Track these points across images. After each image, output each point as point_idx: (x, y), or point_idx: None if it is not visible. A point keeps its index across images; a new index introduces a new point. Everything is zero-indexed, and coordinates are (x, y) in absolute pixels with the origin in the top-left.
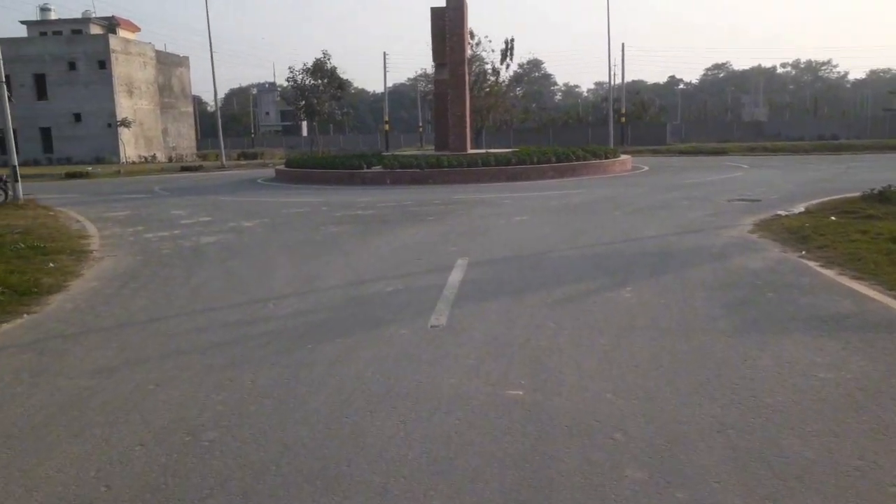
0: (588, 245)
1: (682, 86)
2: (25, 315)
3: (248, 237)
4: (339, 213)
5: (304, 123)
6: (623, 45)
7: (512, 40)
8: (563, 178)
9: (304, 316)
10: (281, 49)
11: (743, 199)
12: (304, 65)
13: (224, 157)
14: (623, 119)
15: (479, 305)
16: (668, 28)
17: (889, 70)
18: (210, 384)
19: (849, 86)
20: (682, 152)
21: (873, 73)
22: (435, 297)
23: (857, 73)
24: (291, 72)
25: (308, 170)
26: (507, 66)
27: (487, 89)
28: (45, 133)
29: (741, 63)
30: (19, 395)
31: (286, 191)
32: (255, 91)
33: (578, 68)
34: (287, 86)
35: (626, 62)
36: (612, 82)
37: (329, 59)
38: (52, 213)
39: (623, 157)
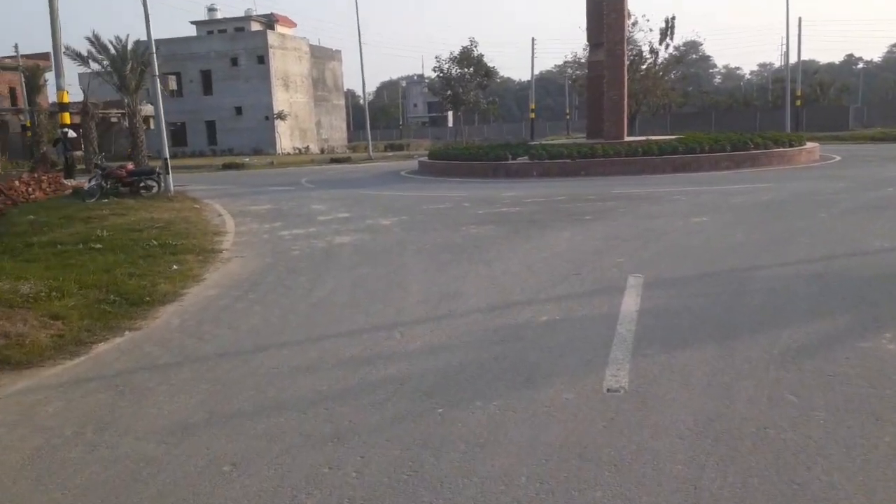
0: (801, 260)
1: (861, 65)
2: (127, 332)
3: (384, 237)
4: (483, 211)
5: (451, 114)
6: (800, 19)
7: (673, 18)
8: (740, 170)
9: (435, 356)
10: (430, 41)
11: None
12: (451, 53)
13: (371, 149)
14: (799, 102)
15: (671, 355)
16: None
17: None
18: (301, 471)
19: None
20: (872, 139)
21: None
22: (606, 337)
23: None
24: (438, 61)
25: (451, 162)
26: (667, 46)
27: (643, 72)
28: (210, 126)
29: None
30: (70, 463)
31: (428, 184)
32: (404, 83)
33: (740, 49)
34: (434, 77)
35: (800, 39)
36: (788, 60)
37: (476, 47)
38: (197, 205)
39: (809, 144)
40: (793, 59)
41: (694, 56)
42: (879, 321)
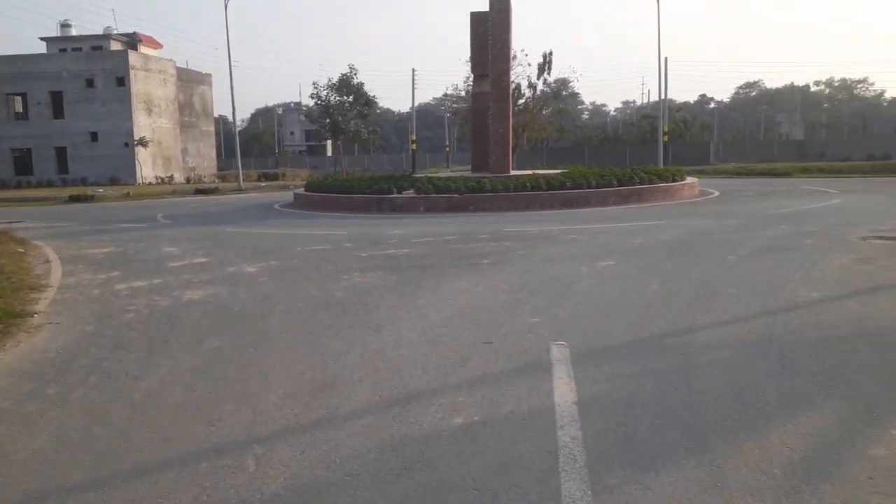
0: (737, 318)
1: (713, 105)
2: None
3: (246, 292)
4: (367, 253)
5: (330, 143)
6: (666, 59)
7: (550, 54)
8: (627, 205)
9: (305, 500)
10: (308, 68)
11: (883, 238)
12: (329, 80)
13: (241, 179)
14: (666, 137)
15: (643, 486)
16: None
17: None
18: None
19: (885, 104)
20: (737, 173)
21: None
22: (548, 453)
23: (893, 91)
24: (316, 88)
25: (330, 194)
26: (545, 80)
27: (521, 106)
28: (61, 153)
29: (773, 82)
30: None
31: (304, 220)
32: (280, 111)
33: (605, 87)
34: (311, 104)
35: (662, 79)
36: (663, 97)
37: (356, 75)
38: (21, 249)
39: (689, 179)
40: (656, 98)
41: (565, 93)
42: (873, 410)
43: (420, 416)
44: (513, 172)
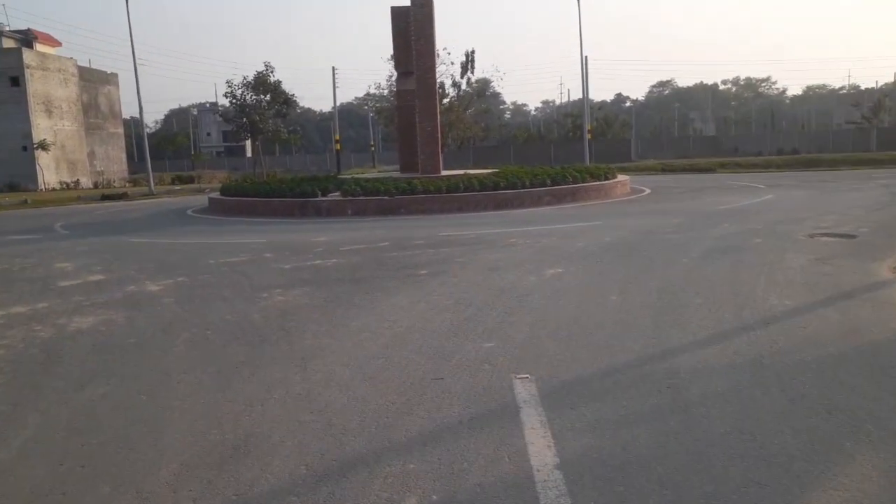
0: (716, 336)
1: (628, 103)
2: None
3: (147, 318)
4: (290, 265)
5: (249, 144)
6: (586, 57)
7: (473, 52)
8: (562, 205)
9: None
10: (224, 68)
11: (829, 235)
12: (245, 78)
13: (153, 183)
14: (589, 135)
15: None
16: (612, 47)
17: (824, 86)
18: None
19: (788, 101)
20: (662, 170)
21: (809, 88)
22: None
23: (794, 89)
24: (230, 86)
25: (248, 198)
26: (469, 79)
27: (446, 105)
28: None
29: (684, 81)
30: None
31: (220, 227)
32: (195, 111)
33: (525, 87)
34: (227, 103)
35: (584, 78)
36: (587, 96)
37: (272, 72)
38: None
39: (621, 177)
40: (577, 96)
41: (487, 92)
42: None
43: (361, 498)
44: (443, 173)
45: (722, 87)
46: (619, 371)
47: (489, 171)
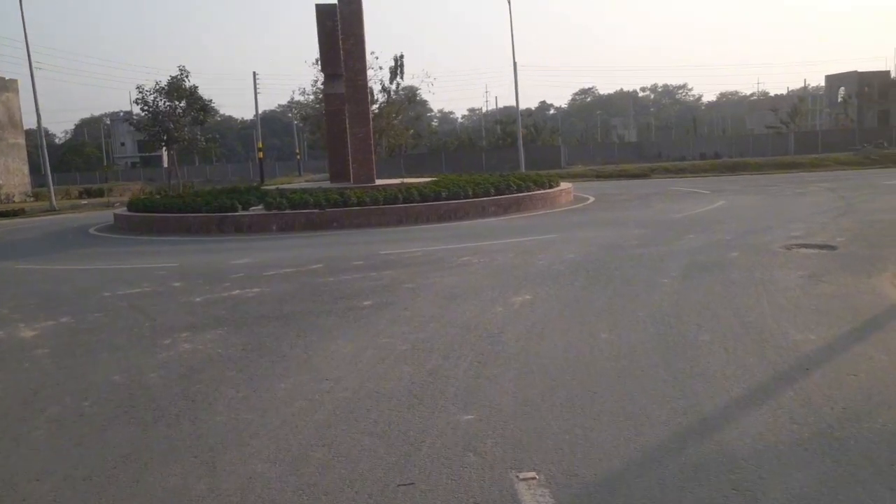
0: (750, 390)
1: (552, 111)
2: None
3: (6, 382)
4: (202, 297)
5: (165, 153)
6: (515, 63)
7: (402, 57)
8: (508, 215)
9: None
10: (140, 76)
11: (807, 246)
12: (158, 83)
13: (54, 197)
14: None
15: None
16: (533, 55)
17: (736, 93)
18: None
19: (703, 108)
20: (597, 176)
21: (722, 95)
22: None
23: (708, 95)
24: (141, 92)
25: (159, 214)
26: (398, 85)
27: (376, 111)
28: None
29: (605, 88)
30: None
31: (124, 248)
32: (108, 120)
33: (451, 95)
34: (139, 111)
35: (502, 86)
36: (518, 104)
37: (188, 77)
38: None
39: (564, 185)
40: (503, 104)
41: (417, 99)
42: None
43: None
44: (378, 182)
45: (641, 94)
46: (657, 461)
47: (426, 179)
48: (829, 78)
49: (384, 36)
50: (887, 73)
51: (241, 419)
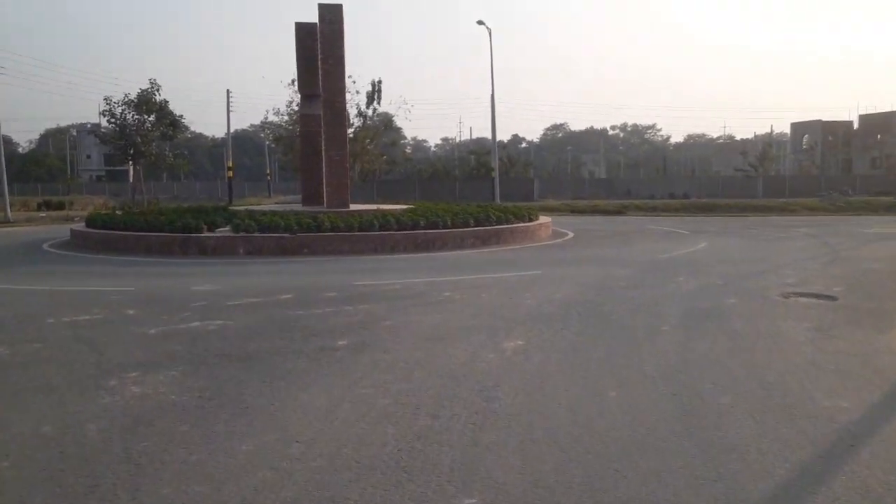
0: (797, 472)
1: (524, 144)
2: None
3: None
4: (157, 328)
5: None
6: (492, 95)
7: (380, 82)
8: (488, 247)
9: None
10: (109, 88)
11: (805, 295)
12: (126, 96)
13: (9, 209)
14: (493, 174)
15: None
16: (506, 89)
17: (703, 135)
18: None
19: (671, 148)
20: (571, 211)
21: (690, 136)
22: None
23: (676, 136)
24: (109, 104)
25: (118, 232)
26: (375, 110)
27: (352, 135)
28: None
29: (576, 125)
30: None
31: (79, 267)
32: (75, 132)
33: (425, 123)
34: (106, 123)
35: (475, 117)
36: (495, 138)
37: (158, 91)
38: None
39: (543, 218)
40: (477, 135)
41: (393, 126)
42: None
43: None
44: (352, 207)
45: (611, 132)
46: None
47: (403, 206)
48: (794, 125)
49: (358, 60)
50: (850, 122)
51: (192, 493)
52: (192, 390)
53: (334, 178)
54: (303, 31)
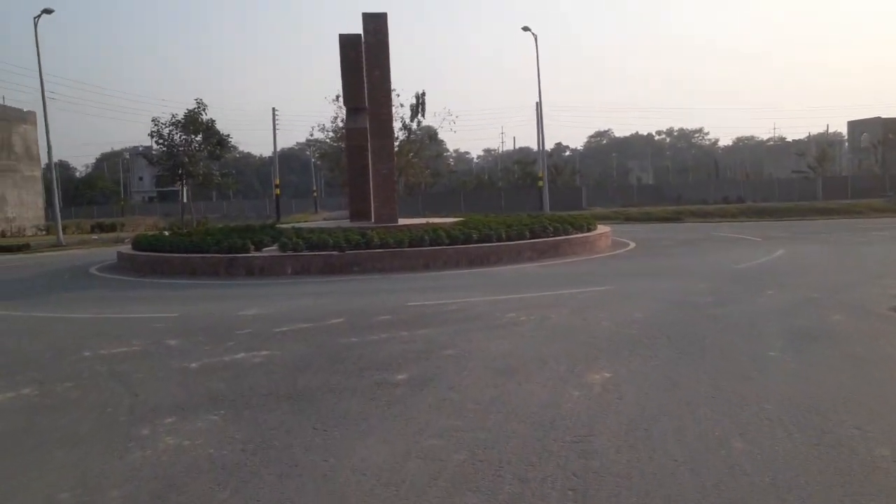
0: None
1: (568, 152)
2: None
3: None
4: (199, 361)
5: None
6: (537, 103)
7: (423, 94)
8: (545, 261)
9: None
10: (160, 109)
11: None
12: (174, 116)
13: (61, 232)
14: (540, 183)
15: None
16: (550, 98)
17: (752, 137)
18: None
19: (720, 151)
20: (627, 219)
21: (739, 139)
22: None
23: (724, 140)
24: (156, 124)
25: (163, 254)
26: (419, 122)
27: (397, 148)
28: None
29: (620, 131)
30: None
31: (123, 292)
32: (127, 155)
33: (467, 136)
34: (154, 144)
35: (518, 127)
36: (543, 145)
37: (205, 110)
38: None
39: (602, 228)
40: (521, 144)
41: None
42: None
43: None
44: (401, 222)
45: (657, 137)
46: None
47: (452, 220)
48: (851, 123)
49: (397, 73)
50: None
51: None
52: (233, 441)
53: (382, 191)
54: (347, 43)
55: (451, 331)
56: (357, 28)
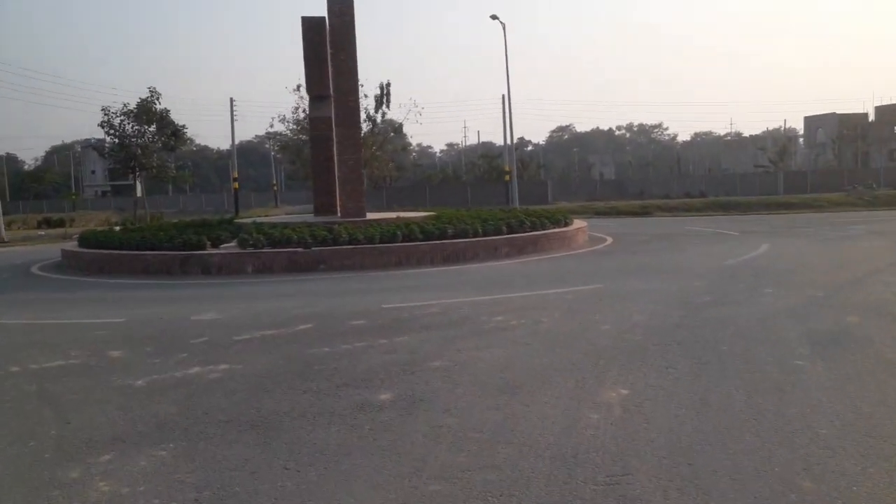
0: None
1: (530, 147)
2: None
3: None
4: (146, 377)
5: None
6: (503, 96)
7: (388, 85)
8: (524, 257)
9: None
10: (110, 99)
11: None
12: (125, 105)
13: (3, 228)
14: (507, 177)
15: None
16: (514, 91)
17: (710, 133)
18: None
19: (679, 147)
20: (597, 213)
21: (697, 134)
22: None
23: (683, 135)
24: (107, 114)
25: (113, 251)
26: (384, 114)
27: (362, 140)
28: None
29: (581, 126)
30: None
31: (66, 292)
32: (79, 147)
33: (429, 129)
34: (107, 136)
35: (480, 121)
36: (511, 139)
37: (158, 99)
38: None
39: (578, 223)
40: (485, 139)
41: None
42: None
43: None
44: (369, 216)
45: (617, 132)
46: None
47: (423, 214)
48: (807, 119)
49: (360, 63)
50: (865, 115)
51: None
52: (184, 487)
53: (349, 184)
54: (310, 26)
55: (436, 338)
56: (321, 10)
